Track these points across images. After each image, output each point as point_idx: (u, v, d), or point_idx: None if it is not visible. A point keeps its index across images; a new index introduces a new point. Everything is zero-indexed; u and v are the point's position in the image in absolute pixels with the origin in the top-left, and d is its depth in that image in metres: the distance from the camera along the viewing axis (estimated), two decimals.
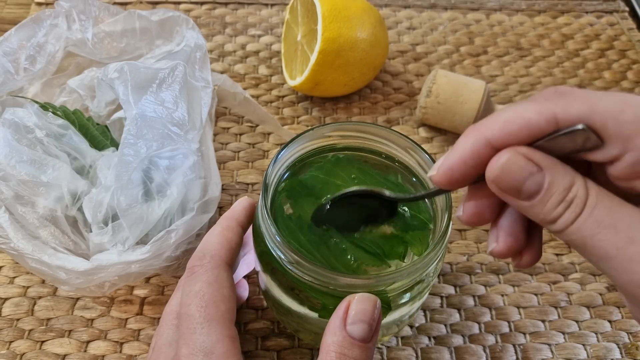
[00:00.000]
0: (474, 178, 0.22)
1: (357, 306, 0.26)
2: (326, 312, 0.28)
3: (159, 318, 0.38)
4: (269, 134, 0.49)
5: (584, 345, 0.38)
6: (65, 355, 0.37)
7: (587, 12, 0.62)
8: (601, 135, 0.20)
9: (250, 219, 0.32)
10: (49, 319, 0.38)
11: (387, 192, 0.29)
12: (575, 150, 0.21)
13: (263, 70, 0.54)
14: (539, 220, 0.22)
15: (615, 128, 0.20)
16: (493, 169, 0.21)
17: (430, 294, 0.40)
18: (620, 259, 0.19)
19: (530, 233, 0.24)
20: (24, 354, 0.36)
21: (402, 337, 0.38)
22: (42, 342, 0.37)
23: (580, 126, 0.20)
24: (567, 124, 0.20)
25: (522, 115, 0.21)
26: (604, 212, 0.20)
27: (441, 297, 0.40)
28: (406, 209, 0.32)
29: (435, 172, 0.23)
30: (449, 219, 0.28)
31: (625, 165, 0.20)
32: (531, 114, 0.21)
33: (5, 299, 0.39)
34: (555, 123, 0.20)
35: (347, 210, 0.30)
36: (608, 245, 0.20)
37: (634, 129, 0.19)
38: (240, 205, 0.32)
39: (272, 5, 0.60)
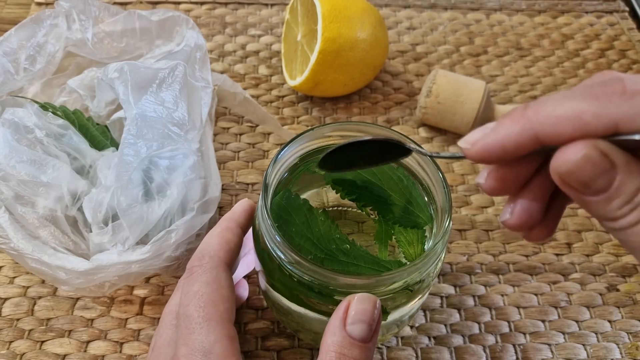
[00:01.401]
0: (508, 161, 0.21)
1: (356, 306, 0.26)
2: (326, 313, 0.28)
3: (158, 318, 0.38)
4: (269, 134, 0.49)
5: (584, 345, 0.38)
6: (65, 355, 0.37)
7: (587, 12, 0.62)
8: None
9: (250, 220, 0.33)
10: (49, 319, 0.38)
11: (407, 143, 0.27)
12: (629, 149, 0.20)
13: (263, 70, 0.54)
14: (597, 216, 0.21)
15: None
16: (565, 162, 0.19)
17: (430, 294, 0.40)
18: None
19: (549, 211, 0.23)
20: (24, 354, 0.36)
21: (402, 337, 0.38)
22: (42, 342, 0.37)
23: (638, 137, 0.18)
24: (628, 132, 0.19)
25: (580, 116, 0.19)
26: None
27: (441, 297, 0.40)
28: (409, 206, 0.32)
29: (470, 146, 0.22)
30: (449, 219, 0.28)
31: None
32: (589, 117, 0.19)
33: (5, 299, 0.39)
34: (615, 130, 0.19)
35: (357, 154, 0.28)
36: None
37: None
38: (240, 207, 0.33)
39: (272, 5, 0.60)
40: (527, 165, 0.22)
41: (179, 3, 0.59)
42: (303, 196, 0.33)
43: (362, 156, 0.28)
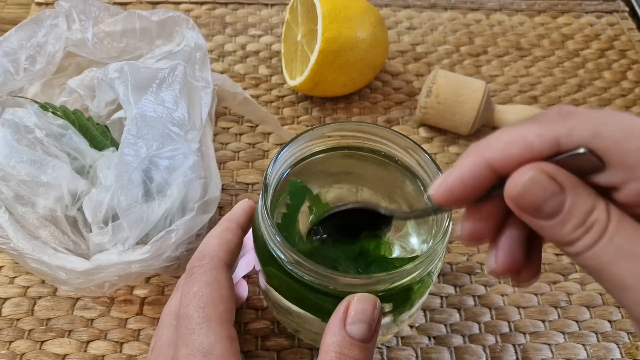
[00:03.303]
0: (474, 198, 0.22)
1: (356, 306, 0.26)
2: (326, 313, 0.28)
3: (158, 318, 0.38)
4: (269, 134, 0.49)
5: (584, 345, 0.38)
6: (65, 355, 0.37)
7: (587, 12, 0.62)
8: (604, 161, 0.19)
9: (251, 221, 0.33)
10: (49, 319, 0.38)
11: (382, 210, 0.29)
12: (578, 173, 0.20)
13: (263, 70, 0.54)
14: (555, 242, 0.21)
15: (618, 156, 0.19)
16: (514, 186, 0.20)
17: (430, 294, 0.40)
18: (639, 290, 0.19)
19: (530, 251, 0.24)
20: (24, 354, 0.36)
21: (402, 337, 0.38)
22: (42, 342, 0.37)
23: (581, 150, 0.19)
24: (569, 148, 0.20)
25: (524, 137, 0.20)
26: (625, 239, 0.19)
27: (441, 297, 0.40)
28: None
29: (435, 190, 0.22)
30: (449, 219, 0.28)
31: (630, 193, 0.19)
32: (533, 137, 0.20)
33: (5, 299, 0.39)
34: (557, 146, 0.20)
35: (342, 223, 0.30)
36: (627, 275, 0.19)
37: (638, 158, 0.19)
38: (240, 207, 0.33)
39: (272, 5, 0.60)
40: (496, 206, 0.22)
41: (179, 3, 0.59)
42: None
43: (346, 226, 0.30)
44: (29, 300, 0.39)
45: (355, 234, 0.30)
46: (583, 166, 0.20)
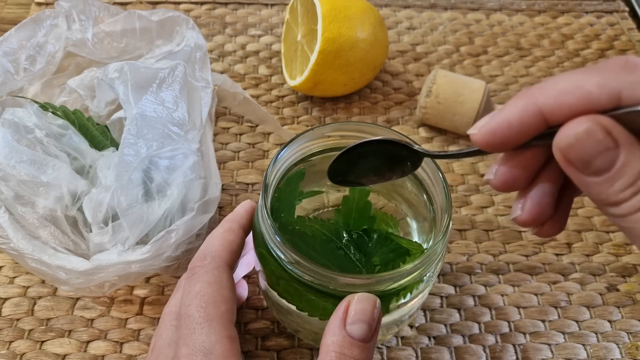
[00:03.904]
0: (516, 144, 0.21)
1: (356, 306, 0.26)
2: (326, 313, 0.28)
3: (159, 318, 0.38)
4: (269, 134, 0.49)
5: (584, 345, 0.38)
6: (65, 355, 0.37)
7: (587, 12, 0.62)
8: None
9: (252, 222, 0.33)
10: (49, 319, 0.38)
11: (415, 145, 0.27)
12: (635, 131, 0.19)
13: (263, 70, 0.54)
14: (599, 200, 0.20)
15: None
16: (566, 136, 0.19)
17: (430, 294, 0.40)
18: None
19: (559, 205, 0.23)
20: (24, 354, 0.36)
21: (402, 337, 0.38)
22: (42, 342, 0.37)
23: None
24: (630, 103, 0.18)
25: (583, 86, 0.19)
26: None
27: (441, 297, 0.40)
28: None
29: (477, 131, 0.21)
30: (449, 218, 0.28)
31: None
32: (592, 87, 0.19)
33: (5, 299, 0.39)
34: (618, 100, 0.18)
35: (365, 161, 0.28)
36: None
37: None
38: (242, 208, 0.33)
39: (272, 5, 0.60)
40: (535, 156, 0.22)
41: (179, 3, 0.59)
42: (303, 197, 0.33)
43: (370, 167, 0.28)
44: (29, 300, 0.39)
45: (380, 173, 0.28)
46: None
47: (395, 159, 0.28)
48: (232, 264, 0.30)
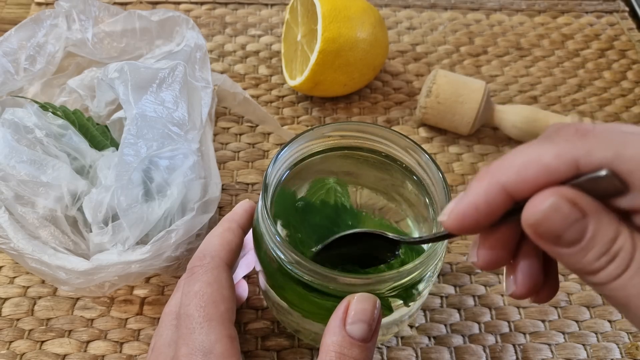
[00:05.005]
0: (487, 225, 0.21)
1: (356, 306, 0.26)
2: (326, 313, 0.28)
3: (159, 318, 0.38)
4: (269, 134, 0.49)
5: (584, 345, 0.38)
6: (65, 355, 0.37)
7: (587, 12, 0.62)
8: (627, 183, 0.18)
9: (251, 221, 0.33)
10: (49, 319, 0.38)
11: (389, 234, 0.28)
12: (598, 196, 0.19)
13: (263, 70, 0.54)
14: (576, 270, 0.20)
15: None
16: (533, 213, 0.19)
17: (430, 294, 0.40)
18: None
19: (547, 269, 0.23)
20: (24, 354, 0.36)
21: (402, 337, 0.38)
22: (42, 342, 0.37)
23: (603, 172, 0.18)
24: (589, 170, 0.18)
25: (540, 159, 0.19)
26: None
27: (441, 297, 0.40)
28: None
29: (447, 217, 0.21)
30: None
31: None
32: (549, 159, 0.19)
33: (5, 299, 0.39)
34: (576, 168, 0.19)
35: (348, 249, 0.29)
36: None
37: None
38: (241, 207, 0.33)
39: (272, 5, 0.60)
40: (510, 231, 0.22)
41: (179, 3, 0.59)
42: (301, 196, 0.33)
43: (353, 255, 0.29)
44: (29, 300, 0.39)
45: (361, 260, 0.30)
46: (603, 189, 0.19)
47: (375, 247, 0.29)
48: (231, 264, 0.30)
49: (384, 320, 0.30)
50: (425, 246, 0.32)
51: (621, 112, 0.53)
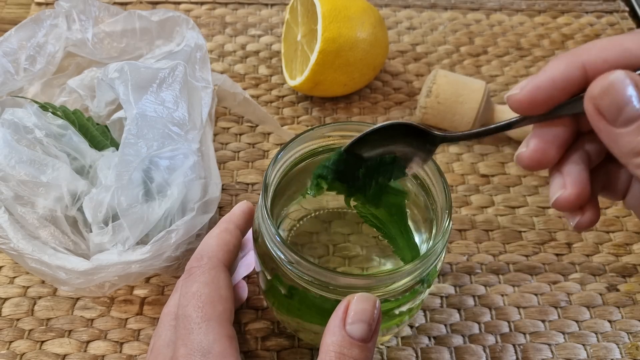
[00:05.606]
0: (557, 103, 0.21)
1: (356, 306, 0.26)
2: (326, 313, 0.28)
3: (158, 318, 0.38)
4: (269, 134, 0.49)
5: (584, 345, 0.38)
6: (65, 355, 0.37)
7: (587, 12, 0.62)
8: None
9: (249, 222, 0.33)
10: (49, 319, 0.38)
11: (433, 130, 0.26)
12: None
13: (263, 70, 0.54)
14: (626, 152, 0.20)
15: None
16: (599, 84, 0.20)
17: (430, 294, 0.40)
18: None
19: (591, 190, 0.23)
20: (24, 354, 0.36)
21: (402, 337, 0.38)
22: (42, 342, 0.37)
23: None
24: None
25: (621, 43, 0.20)
26: None
27: (441, 297, 0.40)
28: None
29: (519, 90, 0.22)
30: (449, 219, 0.28)
31: None
32: (630, 44, 0.20)
33: (5, 299, 0.39)
34: None
35: (379, 148, 0.28)
36: None
37: None
38: (239, 208, 0.33)
39: (272, 5, 0.60)
40: (565, 127, 0.22)
41: (179, 3, 0.59)
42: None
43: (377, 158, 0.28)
44: (29, 300, 0.39)
45: (385, 167, 0.29)
46: None
47: (409, 146, 0.27)
48: (229, 264, 0.30)
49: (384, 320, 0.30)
50: (425, 246, 0.32)
51: None
